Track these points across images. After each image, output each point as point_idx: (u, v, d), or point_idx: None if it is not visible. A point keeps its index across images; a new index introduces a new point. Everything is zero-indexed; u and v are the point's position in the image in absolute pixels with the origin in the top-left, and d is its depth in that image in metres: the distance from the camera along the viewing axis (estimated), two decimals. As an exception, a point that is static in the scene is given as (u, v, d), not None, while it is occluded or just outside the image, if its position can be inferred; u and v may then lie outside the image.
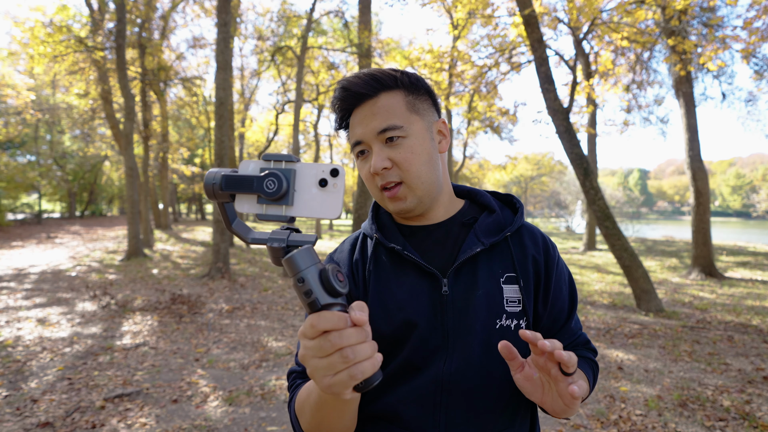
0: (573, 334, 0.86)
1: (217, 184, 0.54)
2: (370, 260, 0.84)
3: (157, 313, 5.61)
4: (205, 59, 19.26)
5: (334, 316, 0.48)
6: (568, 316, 0.86)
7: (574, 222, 28.56)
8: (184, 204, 38.89)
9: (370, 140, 0.76)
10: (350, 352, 0.48)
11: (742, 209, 70.95)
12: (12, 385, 3.38)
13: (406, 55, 12.64)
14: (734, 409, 3.04)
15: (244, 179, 0.52)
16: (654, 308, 6.04)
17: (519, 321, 0.78)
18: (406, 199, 0.77)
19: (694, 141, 9.23)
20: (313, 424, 0.69)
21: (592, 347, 0.90)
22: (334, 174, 0.53)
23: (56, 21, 11.05)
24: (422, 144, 0.77)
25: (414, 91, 0.79)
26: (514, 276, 0.79)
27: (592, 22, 7.24)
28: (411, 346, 0.77)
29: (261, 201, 0.53)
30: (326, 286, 0.49)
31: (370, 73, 0.77)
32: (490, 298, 0.77)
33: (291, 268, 0.50)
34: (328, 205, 0.53)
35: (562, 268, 0.86)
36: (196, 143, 23.35)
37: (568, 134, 6.14)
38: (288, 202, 0.53)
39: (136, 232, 10.77)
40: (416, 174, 0.76)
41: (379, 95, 0.76)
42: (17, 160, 21.90)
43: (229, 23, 8.14)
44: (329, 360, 0.49)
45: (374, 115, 0.75)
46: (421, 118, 0.79)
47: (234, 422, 2.89)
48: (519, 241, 0.83)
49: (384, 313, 0.79)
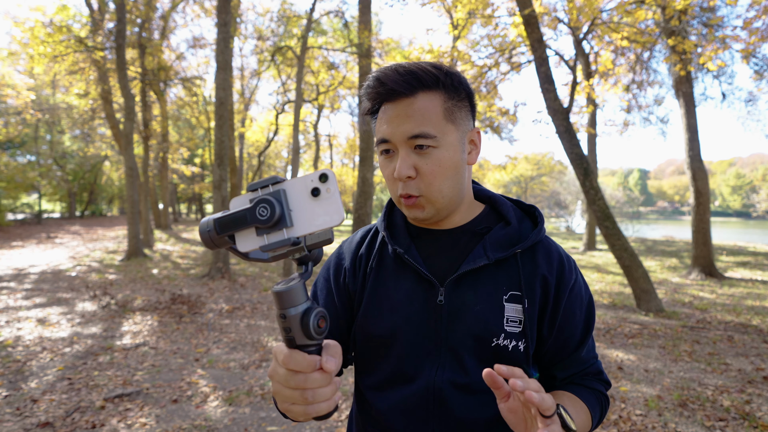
0: (583, 363, 0.81)
1: (212, 231, 0.52)
2: (374, 257, 0.83)
3: (157, 313, 5.61)
4: (205, 59, 19.28)
5: (304, 360, 0.50)
6: (579, 344, 0.80)
7: (574, 222, 28.57)
8: (184, 204, 38.90)
9: (398, 142, 0.71)
10: (310, 395, 0.51)
11: (742, 209, 70.96)
12: (12, 385, 3.38)
13: (406, 55, 12.65)
14: (734, 409, 3.04)
15: (236, 216, 0.51)
16: (654, 308, 6.04)
17: (518, 342, 0.74)
18: (425, 209, 0.74)
19: (694, 141, 9.22)
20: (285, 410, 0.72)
21: (605, 378, 0.84)
22: (324, 179, 0.50)
23: (56, 21, 11.05)
24: (452, 157, 0.72)
25: (455, 95, 0.73)
26: (518, 295, 0.75)
27: (592, 22, 7.24)
28: (400, 350, 0.77)
29: (260, 232, 0.51)
30: (304, 329, 0.50)
31: (409, 69, 0.71)
32: (489, 314, 0.74)
33: (277, 302, 0.50)
34: (328, 212, 0.50)
35: (578, 292, 0.80)
36: (196, 143, 23.36)
37: (568, 134, 6.14)
38: (287, 224, 0.50)
39: (136, 232, 10.77)
40: (438, 188, 0.72)
41: (416, 95, 0.70)
42: (17, 160, 21.91)
43: (229, 23, 8.14)
44: (291, 392, 0.52)
45: (408, 117, 0.70)
46: (457, 128, 0.73)
47: (234, 422, 2.89)
48: (531, 258, 0.78)
49: (376, 312, 0.79)
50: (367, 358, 0.82)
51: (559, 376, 0.81)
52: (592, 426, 0.79)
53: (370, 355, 0.81)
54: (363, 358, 0.83)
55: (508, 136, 23.94)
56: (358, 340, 0.82)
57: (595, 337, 4.88)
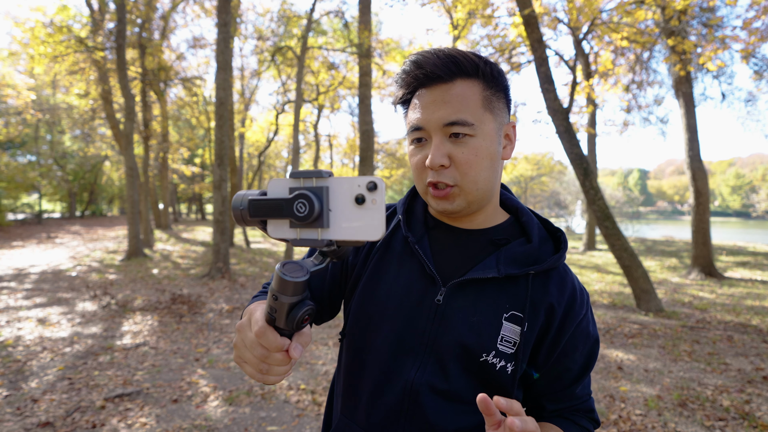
0: (575, 399, 0.79)
1: (245, 209, 0.51)
2: (384, 239, 0.81)
3: (157, 313, 5.61)
4: (205, 59, 19.28)
5: (276, 341, 0.51)
6: (575, 380, 0.77)
7: (574, 222, 28.57)
8: (184, 204, 38.89)
9: (432, 129, 0.68)
10: (265, 368, 0.53)
11: (742, 209, 70.96)
12: (12, 385, 3.38)
13: (406, 55, 12.63)
14: (734, 409, 3.05)
15: (272, 204, 0.49)
16: (654, 308, 6.04)
17: (507, 364, 0.71)
18: (454, 201, 0.70)
19: (693, 141, 9.23)
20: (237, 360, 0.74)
21: (596, 418, 0.81)
22: (372, 188, 0.47)
23: (56, 21, 11.04)
24: (489, 147, 0.69)
25: (493, 85, 0.70)
26: (520, 317, 0.71)
27: (591, 22, 7.24)
28: (385, 339, 0.75)
29: (294, 226, 0.49)
30: (288, 319, 0.50)
31: (449, 54, 0.68)
32: (484, 328, 0.71)
33: (276, 282, 0.49)
34: (368, 224, 0.47)
35: (585, 327, 0.76)
36: (196, 143, 23.36)
37: (568, 134, 6.14)
38: (323, 225, 0.48)
39: (136, 232, 10.77)
40: (473, 179, 0.69)
41: (455, 81, 0.67)
42: (17, 160, 21.90)
43: (229, 23, 8.14)
44: (250, 357, 0.54)
45: (445, 102, 0.67)
46: (494, 117, 0.70)
47: (234, 422, 2.89)
48: (543, 284, 0.74)
49: (371, 294, 0.77)
50: (353, 339, 0.80)
51: (549, 408, 0.78)
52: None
53: (356, 337, 0.79)
54: (350, 336, 0.80)
55: (508, 136, 23.95)
56: (349, 316, 0.81)
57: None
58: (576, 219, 28.43)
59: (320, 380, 3.58)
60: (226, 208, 8.32)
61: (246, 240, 14.06)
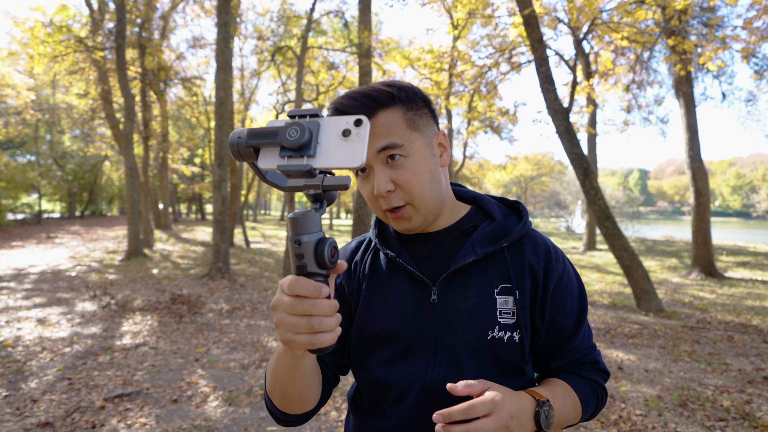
0: (578, 352, 0.81)
1: (242, 139, 0.53)
2: (367, 263, 0.86)
3: (157, 313, 5.61)
4: (205, 59, 19.25)
5: (311, 284, 0.51)
6: (573, 333, 0.81)
7: (574, 222, 28.57)
8: (184, 204, 38.87)
9: (371, 160, 0.73)
10: (317, 322, 0.52)
11: (742, 209, 70.96)
12: (12, 385, 3.38)
13: (406, 55, 12.63)
14: (734, 409, 3.04)
15: (267, 130, 0.52)
16: (654, 308, 6.04)
17: (512, 333, 0.75)
18: (412, 219, 0.76)
19: (694, 141, 9.22)
20: (270, 383, 0.74)
21: (603, 368, 0.84)
22: (358, 124, 0.52)
23: (56, 21, 11.04)
24: (424, 162, 0.75)
25: (412, 105, 0.76)
26: (509, 287, 0.76)
27: (592, 22, 7.24)
28: (396, 350, 0.78)
29: (283, 153, 0.52)
30: (318, 257, 0.52)
31: (364, 93, 0.74)
32: (482, 308, 0.75)
33: (292, 228, 0.52)
34: (351, 153, 0.51)
35: (567, 281, 0.81)
36: (196, 143, 23.35)
37: (568, 134, 6.14)
38: (310, 153, 0.51)
39: (136, 232, 10.76)
40: (420, 195, 0.74)
41: (376, 114, 0.73)
42: (17, 160, 21.90)
43: (229, 23, 8.14)
44: (296, 320, 0.52)
45: (374, 135, 0.73)
46: (422, 134, 0.76)
47: (234, 422, 2.89)
48: (518, 251, 0.79)
49: (372, 313, 0.81)
50: (364, 359, 0.83)
51: (554, 365, 0.82)
52: (583, 416, 0.79)
53: (367, 355, 0.82)
54: (360, 358, 0.84)
55: (508, 136, 23.98)
56: (354, 340, 0.84)
57: (595, 337, 4.88)
58: (576, 219, 28.42)
59: (320, 380, 3.58)
60: (226, 208, 8.32)
61: (246, 240, 14.06)
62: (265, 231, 22.62)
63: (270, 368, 0.74)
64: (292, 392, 0.72)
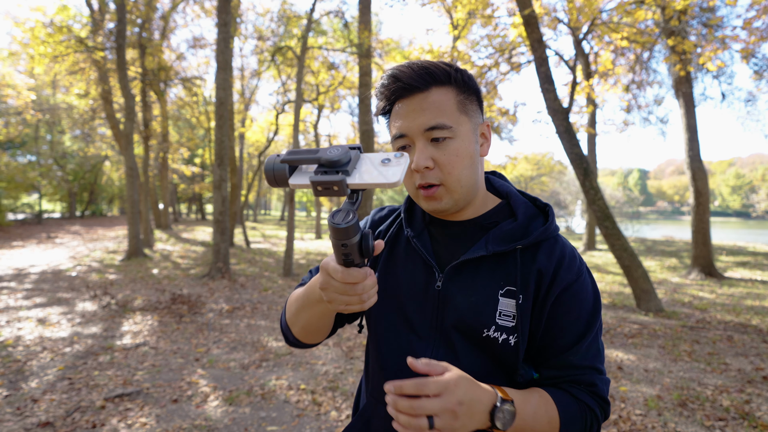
0: (572, 368, 0.75)
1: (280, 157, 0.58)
2: (392, 236, 0.89)
3: (157, 313, 5.61)
4: (205, 59, 19.27)
5: (359, 273, 0.60)
6: (571, 346, 0.75)
7: (574, 222, 28.58)
8: (184, 204, 38.86)
9: (415, 135, 0.73)
10: (366, 297, 0.63)
11: (742, 209, 70.94)
12: (12, 385, 3.38)
13: (406, 55, 12.64)
14: (734, 409, 3.05)
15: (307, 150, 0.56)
16: (654, 308, 6.04)
17: (508, 336, 0.74)
18: (442, 200, 0.76)
19: (693, 141, 9.23)
20: (293, 317, 0.84)
21: (601, 394, 0.76)
22: (399, 156, 0.57)
23: (56, 21, 11.04)
24: (468, 147, 0.75)
25: (465, 89, 0.76)
26: (513, 290, 0.75)
27: (591, 22, 7.24)
28: (400, 328, 0.82)
29: (319, 170, 0.55)
30: (363, 252, 0.58)
31: (423, 65, 0.74)
32: (482, 306, 0.75)
33: (338, 235, 0.56)
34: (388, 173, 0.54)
35: (578, 292, 0.76)
36: (196, 143, 23.34)
37: (568, 134, 6.14)
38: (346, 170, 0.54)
39: (136, 232, 10.77)
40: (457, 178, 0.74)
41: (430, 89, 0.73)
42: (17, 160, 21.88)
43: (229, 23, 8.14)
44: (348, 299, 0.62)
45: (423, 110, 0.72)
46: (470, 119, 0.76)
47: (234, 422, 2.89)
48: (533, 255, 0.77)
49: (383, 287, 0.84)
50: (373, 334, 0.87)
51: (543, 375, 0.77)
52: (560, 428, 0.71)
53: (376, 328, 0.86)
54: (371, 328, 0.88)
55: (508, 136, 23.91)
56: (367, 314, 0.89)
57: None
58: (576, 219, 28.44)
59: (320, 380, 3.58)
60: (226, 207, 8.32)
61: (246, 240, 14.06)
62: (266, 231, 22.63)
63: (296, 305, 0.82)
64: (314, 329, 0.82)
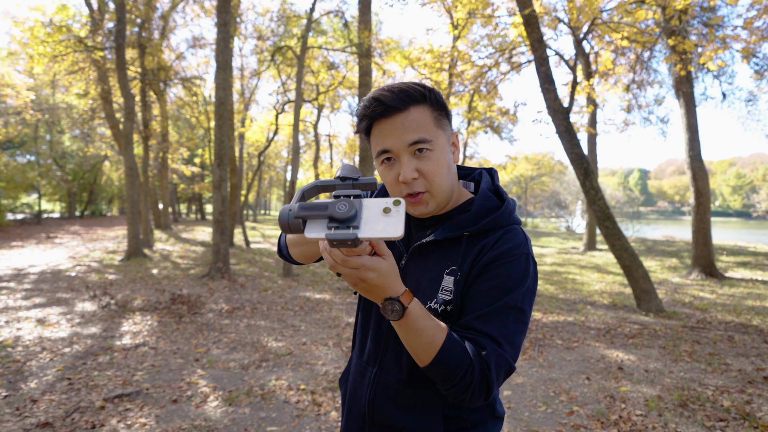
0: (470, 329, 0.80)
1: (293, 211, 0.62)
2: None
3: (157, 313, 5.60)
4: (205, 59, 19.25)
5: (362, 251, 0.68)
6: (476, 310, 0.80)
7: (574, 222, 28.58)
8: (184, 204, 38.86)
9: (400, 151, 0.83)
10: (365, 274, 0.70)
11: (743, 209, 70.91)
12: (11, 385, 3.37)
13: (406, 55, 12.63)
14: (734, 410, 3.04)
15: (318, 204, 0.61)
16: (654, 308, 6.03)
17: (446, 307, 0.86)
18: (428, 204, 0.87)
19: (694, 141, 9.22)
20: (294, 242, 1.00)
21: (486, 359, 0.76)
22: (397, 204, 0.61)
23: (56, 21, 11.03)
24: (445, 156, 0.86)
25: (438, 107, 0.86)
26: (455, 269, 0.87)
27: (592, 22, 7.23)
28: None
29: (331, 224, 0.60)
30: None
31: (401, 88, 0.82)
32: (431, 282, 0.88)
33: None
34: (391, 226, 0.60)
35: (504, 268, 0.82)
36: (196, 143, 23.33)
37: (568, 134, 6.14)
38: (356, 225, 0.60)
39: (136, 232, 10.76)
40: (439, 184, 0.85)
41: (409, 109, 0.82)
42: (17, 160, 21.89)
43: (228, 23, 8.13)
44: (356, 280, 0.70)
45: (406, 128, 0.82)
46: (444, 132, 0.87)
47: (234, 422, 2.88)
48: (479, 241, 0.88)
49: None
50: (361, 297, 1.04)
51: None
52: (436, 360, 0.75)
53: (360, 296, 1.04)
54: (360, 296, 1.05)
55: (508, 136, 23.94)
56: None
57: (595, 337, 4.87)
58: (576, 219, 28.43)
59: (320, 380, 3.57)
60: (226, 208, 8.31)
61: (246, 240, 14.05)
62: (265, 231, 22.62)
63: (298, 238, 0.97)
64: (311, 255, 0.97)
